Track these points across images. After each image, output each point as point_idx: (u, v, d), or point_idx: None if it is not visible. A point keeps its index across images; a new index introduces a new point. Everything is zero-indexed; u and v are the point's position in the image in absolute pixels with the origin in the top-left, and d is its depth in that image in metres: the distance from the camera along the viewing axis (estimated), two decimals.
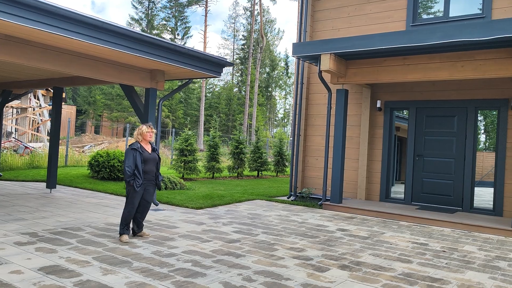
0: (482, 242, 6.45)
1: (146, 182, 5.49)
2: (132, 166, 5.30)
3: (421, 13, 9.47)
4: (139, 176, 5.31)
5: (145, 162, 5.45)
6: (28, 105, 23.90)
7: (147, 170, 5.49)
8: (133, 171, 5.30)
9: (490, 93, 8.54)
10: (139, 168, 5.32)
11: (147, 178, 5.51)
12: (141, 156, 5.38)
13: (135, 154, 5.35)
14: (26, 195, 8.80)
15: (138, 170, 5.31)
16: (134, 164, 5.31)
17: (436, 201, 9.05)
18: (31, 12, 4.92)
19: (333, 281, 4.20)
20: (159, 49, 6.70)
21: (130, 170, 5.28)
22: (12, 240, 5.10)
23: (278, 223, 7.16)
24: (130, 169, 5.28)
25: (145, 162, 5.45)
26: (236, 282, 3.99)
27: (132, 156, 5.34)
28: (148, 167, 5.49)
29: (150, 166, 5.52)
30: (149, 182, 5.57)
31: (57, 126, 9.72)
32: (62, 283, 3.70)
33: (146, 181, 5.49)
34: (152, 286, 3.76)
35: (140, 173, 5.32)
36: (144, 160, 5.43)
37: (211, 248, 5.23)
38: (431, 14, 9.48)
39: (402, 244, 6.03)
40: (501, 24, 6.47)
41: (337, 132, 8.95)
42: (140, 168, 5.33)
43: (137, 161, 5.33)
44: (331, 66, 8.24)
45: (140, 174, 5.32)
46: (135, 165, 5.32)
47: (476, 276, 4.62)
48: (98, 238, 5.43)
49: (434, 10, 9.48)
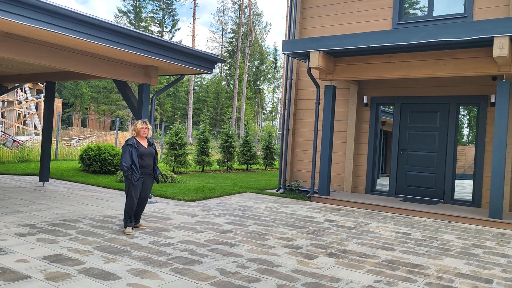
0: (460, 231, 6.83)
1: (144, 176, 5.67)
2: (128, 161, 5.48)
3: (406, 12, 9.79)
4: (136, 171, 5.49)
5: (142, 157, 5.62)
6: (15, 98, 23.70)
7: (145, 164, 5.65)
8: (130, 166, 5.47)
9: (471, 90, 8.93)
10: (136, 163, 5.50)
11: (145, 172, 5.68)
12: (137, 151, 5.56)
13: (131, 149, 5.53)
14: (19, 189, 8.92)
15: (135, 165, 5.49)
16: (130, 159, 5.49)
17: (419, 193, 9.45)
18: (31, 11, 5.07)
19: (321, 267, 4.50)
20: (154, 46, 6.89)
21: (127, 165, 5.46)
22: (13, 231, 5.28)
23: (268, 215, 7.45)
24: (127, 164, 5.46)
25: (142, 156, 5.62)
26: (231, 269, 4.26)
27: (128, 151, 5.51)
28: (145, 162, 5.65)
29: (147, 160, 5.68)
30: (147, 176, 5.74)
31: (49, 120, 9.82)
32: (67, 270, 3.93)
33: (144, 175, 5.67)
34: (153, 273, 4.01)
35: (137, 167, 5.50)
36: (141, 154, 5.61)
37: (205, 238, 5.49)
38: (416, 12, 9.81)
39: (385, 234, 6.37)
40: (480, 25, 6.81)
41: (325, 126, 9.25)
42: (137, 162, 5.51)
43: (133, 156, 5.50)
44: (319, 63, 8.51)
45: (137, 168, 5.50)
46: (131, 160, 5.50)
47: (453, 262, 4.98)
48: (96, 229, 5.64)
49: (419, 8, 9.81)
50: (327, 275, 4.25)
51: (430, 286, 4.07)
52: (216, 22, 75.23)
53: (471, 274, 4.54)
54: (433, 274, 4.48)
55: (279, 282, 3.95)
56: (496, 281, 4.36)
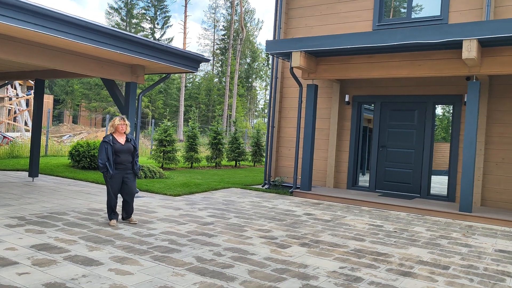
0: (431, 224, 7.21)
1: (121, 172, 5.84)
2: (104, 158, 5.70)
3: (386, 14, 10.14)
4: (109, 168, 5.70)
5: (117, 153, 5.81)
6: (5, 95, 23.75)
7: (121, 160, 5.84)
8: (105, 162, 5.69)
9: (447, 90, 9.30)
10: (110, 160, 5.72)
11: (122, 168, 5.86)
12: (112, 148, 5.76)
13: (106, 147, 5.74)
14: (9, 183, 9.15)
15: (109, 162, 5.71)
16: (106, 156, 5.71)
17: (397, 189, 9.83)
18: (18, 13, 5.31)
19: (292, 255, 4.83)
20: (139, 46, 7.15)
21: (102, 162, 5.68)
22: (2, 223, 5.54)
23: (250, 208, 7.77)
24: (102, 161, 5.68)
25: (118, 153, 5.81)
26: (207, 256, 4.58)
27: (104, 148, 5.73)
28: (122, 158, 5.84)
29: (124, 156, 5.87)
30: (126, 171, 5.92)
31: (39, 117, 10.04)
32: (53, 257, 4.21)
33: (121, 171, 5.85)
34: (133, 260, 4.31)
35: (111, 164, 5.72)
36: (116, 151, 5.80)
37: (186, 230, 5.79)
38: (396, 14, 10.16)
39: (359, 226, 6.72)
40: (450, 29, 7.17)
41: (307, 124, 9.58)
42: (111, 159, 5.73)
43: (108, 153, 5.72)
44: (301, 63, 8.83)
45: (111, 165, 5.72)
46: (107, 157, 5.71)
47: (417, 251, 5.33)
48: (82, 221, 5.92)
49: (398, 11, 10.16)
50: (297, 262, 4.58)
51: (390, 272, 4.42)
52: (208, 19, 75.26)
53: (431, 262, 4.89)
54: (396, 261, 4.83)
55: (250, 268, 4.27)
56: (453, 267, 4.72)
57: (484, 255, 5.32)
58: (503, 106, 8.66)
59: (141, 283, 3.67)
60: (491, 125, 8.76)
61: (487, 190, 8.76)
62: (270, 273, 4.14)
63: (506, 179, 8.59)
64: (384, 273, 4.38)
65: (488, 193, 8.75)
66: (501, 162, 8.65)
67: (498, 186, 8.67)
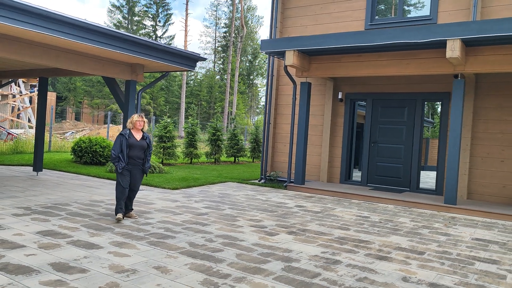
0: (416, 215, 7.56)
1: (130, 167, 6.02)
2: (117, 150, 5.90)
3: (378, 13, 10.45)
4: (122, 160, 5.91)
5: (130, 148, 6.00)
6: (9, 92, 24.17)
7: (132, 155, 6.02)
8: (117, 154, 5.91)
9: (435, 87, 9.63)
10: (124, 152, 5.92)
11: (132, 163, 6.04)
12: (127, 141, 5.96)
13: (122, 139, 5.94)
14: (14, 177, 9.54)
15: (123, 154, 5.91)
16: (119, 148, 5.91)
17: (388, 183, 10.17)
18: (22, 15, 5.68)
19: (279, 242, 5.20)
20: (139, 46, 7.51)
21: (115, 153, 5.89)
22: (9, 212, 5.92)
23: (244, 201, 8.14)
24: (115, 153, 5.89)
25: (131, 147, 6.00)
26: (199, 242, 4.95)
27: (119, 141, 5.95)
28: (133, 153, 6.02)
29: (136, 152, 6.05)
30: (135, 167, 6.09)
31: (42, 114, 10.42)
32: (57, 242, 4.59)
33: (131, 166, 6.03)
34: (131, 244, 4.68)
35: (124, 156, 5.91)
36: (130, 145, 5.99)
37: (182, 219, 6.17)
38: (387, 14, 10.48)
39: (347, 217, 7.08)
40: (435, 29, 7.50)
41: (300, 121, 9.92)
42: (125, 152, 5.92)
43: (122, 146, 5.93)
44: (294, 61, 9.17)
45: (124, 157, 5.91)
46: (120, 149, 5.92)
47: (397, 239, 5.69)
48: (84, 211, 6.30)
49: (390, 11, 10.48)
50: (282, 247, 4.95)
51: (368, 256, 4.78)
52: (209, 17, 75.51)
53: (409, 248, 5.25)
54: (375, 247, 5.19)
55: (238, 252, 4.64)
56: (428, 253, 5.07)
57: (460, 243, 5.67)
58: (488, 103, 8.99)
59: (137, 263, 4.04)
60: (477, 121, 9.09)
61: (473, 183, 9.09)
62: (256, 256, 4.50)
63: (491, 173, 8.93)
64: (363, 257, 4.74)
65: (474, 187, 9.09)
66: (486, 157, 8.99)
67: (484, 180, 9.00)
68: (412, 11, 10.12)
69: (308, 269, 4.20)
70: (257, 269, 4.10)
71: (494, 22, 7.01)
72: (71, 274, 3.65)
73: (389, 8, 10.57)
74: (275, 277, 3.91)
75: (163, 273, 3.82)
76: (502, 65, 7.66)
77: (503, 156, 8.83)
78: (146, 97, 44.88)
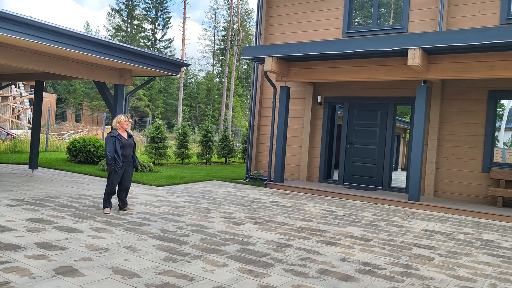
0: (380, 210, 8.19)
1: (124, 165, 6.52)
2: (112, 151, 6.32)
3: (355, 23, 11.11)
4: (119, 160, 6.36)
5: (123, 147, 6.48)
6: (9, 94, 24.85)
7: (125, 154, 6.52)
8: (113, 155, 6.34)
9: (406, 92, 10.27)
10: (119, 153, 6.36)
11: (126, 161, 6.55)
12: (119, 142, 6.42)
13: (114, 141, 6.37)
14: (11, 174, 10.19)
15: (118, 155, 6.35)
16: (114, 149, 6.33)
17: (363, 182, 10.80)
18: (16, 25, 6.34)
19: (242, 230, 5.83)
20: (126, 53, 8.17)
21: (111, 154, 6.32)
22: (3, 203, 6.56)
23: (223, 197, 8.77)
24: (111, 154, 6.31)
25: (123, 147, 6.48)
26: (170, 229, 5.58)
27: (112, 142, 6.37)
28: (126, 151, 6.52)
29: (127, 150, 6.56)
30: (128, 164, 6.61)
31: (38, 115, 11.08)
32: (44, 227, 5.23)
33: (124, 164, 6.52)
34: (108, 230, 5.32)
35: (120, 157, 6.37)
36: (123, 145, 6.46)
37: (160, 211, 6.80)
38: (363, 23, 11.14)
39: (314, 211, 7.70)
40: (397, 39, 8.15)
41: (280, 123, 10.57)
42: (120, 152, 6.37)
43: (116, 147, 6.35)
44: (273, 67, 9.82)
45: (120, 158, 6.37)
46: (115, 150, 6.34)
47: (353, 229, 6.31)
48: (72, 204, 6.94)
49: (366, 20, 11.13)
50: (244, 234, 5.58)
51: (319, 242, 5.41)
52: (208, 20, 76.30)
53: (359, 236, 5.88)
54: (328, 235, 5.82)
55: (203, 237, 5.28)
56: (375, 240, 5.70)
57: (409, 233, 6.29)
58: (454, 107, 9.63)
59: (111, 244, 4.68)
60: (443, 124, 9.72)
61: (439, 182, 9.72)
62: (217, 241, 5.14)
63: (455, 173, 9.55)
64: (313, 242, 5.37)
65: (440, 185, 9.71)
66: (451, 158, 9.62)
67: (449, 179, 9.63)
68: (386, 20, 10.76)
69: (260, 250, 4.83)
70: (215, 249, 4.73)
71: (449, 33, 7.66)
72: (52, 251, 4.28)
73: (367, 17, 11.23)
74: (229, 256, 4.54)
75: (132, 251, 4.46)
76: (461, 72, 8.30)
77: (467, 157, 9.46)
78: (145, 99, 45.57)
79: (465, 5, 9.49)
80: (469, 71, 8.19)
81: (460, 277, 4.33)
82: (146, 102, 46.25)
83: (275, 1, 12.12)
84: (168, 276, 3.77)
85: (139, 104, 44.78)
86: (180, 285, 3.58)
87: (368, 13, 11.18)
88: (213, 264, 4.22)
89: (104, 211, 6.44)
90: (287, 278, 3.95)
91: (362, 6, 11.32)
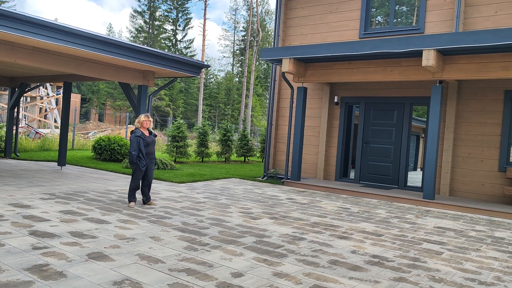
0: (394, 208, 8.36)
1: (148, 161, 6.84)
2: (137, 150, 6.64)
3: (375, 21, 11.27)
4: (143, 158, 6.70)
5: (146, 146, 6.80)
6: (37, 94, 25.85)
7: (149, 151, 6.85)
8: (138, 154, 6.65)
9: (422, 92, 10.38)
10: (143, 151, 6.68)
11: (149, 158, 6.88)
12: (143, 141, 6.75)
13: (139, 140, 6.70)
14: (41, 171, 10.78)
15: (142, 153, 6.67)
16: (138, 148, 6.66)
17: (378, 180, 10.96)
18: (52, 32, 6.81)
19: (259, 224, 6.14)
20: (149, 56, 8.59)
21: (136, 153, 6.64)
22: (37, 197, 7.06)
23: (241, 193, 9.10)
24: (136, 153, 6.64)
25: (147, 145, 6.82)
26: (191, 222, 5.94)
27: (136, 141, 6.70)
28: (149, 149, 6.86)
29: (150, 148, 6.89)
30: (151, 161, 6.94)
31: (66, 114, 11.65)
32: (75, 218, 5.66)
33: (148, 161, 6.85)
34: (134, 222, 5.71)
35: (144, 155, 6.70)
36: (146, 143, 6.79)
37: (181, 206, 7.18)
38: (380, 23, 11.29)
39: (329, 208, 7.95)
40: (412, 40, 8.30)
41: (297, 122, 10.83)
42: (144, 151, 6.70)
43: (140, 146, 6.67)
44: (290, 68, 10.09)
45: (144, 156, 6.70)
46: (139, 149, 6.67)
47: (365, 226, 6.54)
48: (99, 198, 7.39)
49: (382, 21, 11.28)
50: (260, 227, 5.89)
51: (331, 236, 5.67)
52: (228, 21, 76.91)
53: (371, 232, 6.10)
54: (341, 230, 6.07)
55: (221, 229, 5.61)
56: (386, 235, 5.92)
57: (420, 230, 6.48)
58: (470, 107, 9.69)
59: (136, 234, 5.06)
60: (459, 124, 9.80)
61: (455, 181, 9.81)
62: (235, 233, 5.46)
63: (471, 172, 9.62)
64: (326, 236, 5.63)
65: (456, 184, 9.80)
66: (467, 157, 9.69)
67: (465, 178, 9.71)
68: (402, 21, 10.88)
69: (275, 242, 5.12)
70: (233, 241, 5.06)
71: (463, 35, 7.78)
72: (84, 239, 4.68)
73: (386, 15, 11.37)
74: (245, 246, 4.85)
75: (156, 241, 4.82)
76: (476, 72, 8.39)
77: (483, 156, 9.52)
78: (166, 99, 46.42)
79: (482, 6, 9.55)
80: (484, 71, 8.28)
81: (466, 269, 4.52)
82: (167, 101, 47.09)
83: (293, 3, 12.38)
84: (189, 263, 4.11)
85: (160, 104, 45.65)
86: (200, 270, 3.91)
87: (385, 13, 11.31)
88: (230, 253, 4.54)
89: (129, 205, 6.81)
90: (299, 267, 4.23)
91: (381, 4, 11.45)
